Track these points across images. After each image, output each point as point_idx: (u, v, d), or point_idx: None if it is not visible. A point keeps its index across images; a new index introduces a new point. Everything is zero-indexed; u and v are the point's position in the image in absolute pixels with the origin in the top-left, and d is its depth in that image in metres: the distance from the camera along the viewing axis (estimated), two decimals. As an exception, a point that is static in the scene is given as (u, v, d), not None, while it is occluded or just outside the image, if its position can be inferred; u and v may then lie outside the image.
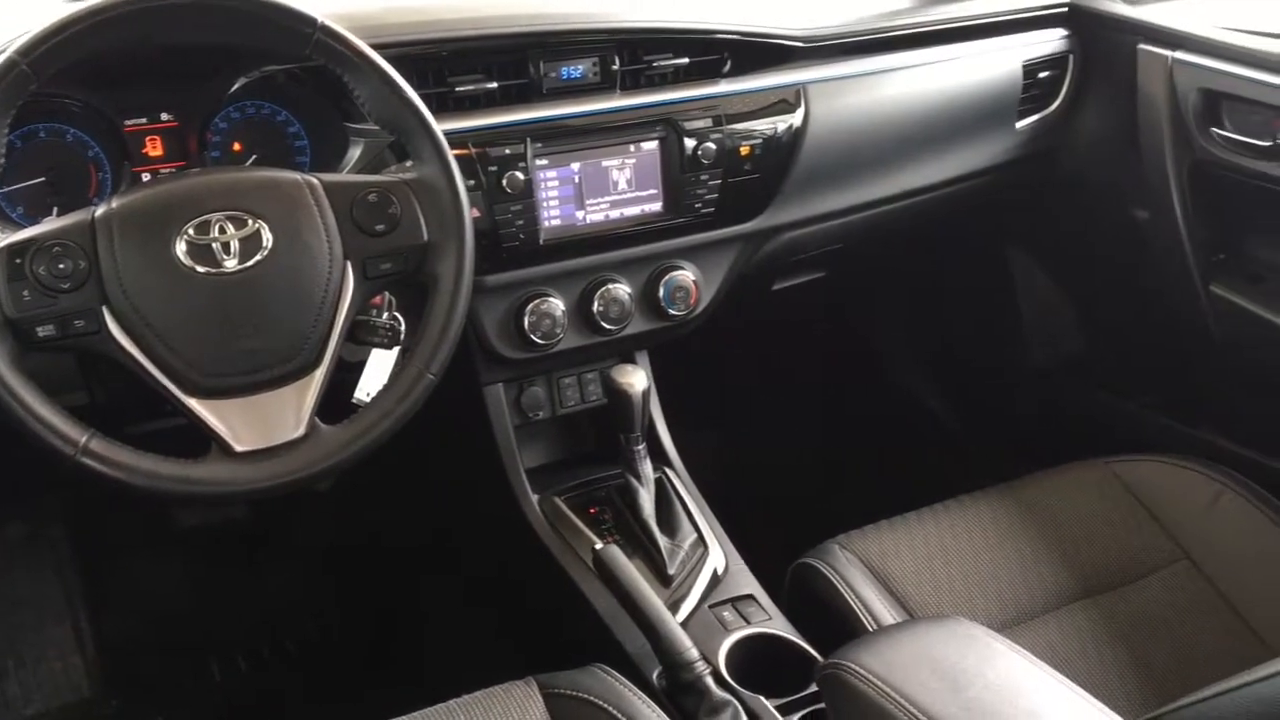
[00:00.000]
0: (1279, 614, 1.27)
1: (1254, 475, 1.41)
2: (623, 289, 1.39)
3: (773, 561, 1.40)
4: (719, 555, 1.36)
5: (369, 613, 1.85)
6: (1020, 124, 1.64)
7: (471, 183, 1.23)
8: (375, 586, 1.88)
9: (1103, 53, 1.64)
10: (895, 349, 2.18)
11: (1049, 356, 1.96)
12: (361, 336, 1.11)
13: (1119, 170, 1.64)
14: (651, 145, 1.34)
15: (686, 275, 1.43)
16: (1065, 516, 1.41)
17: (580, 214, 1.33)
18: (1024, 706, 0.86)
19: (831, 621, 1.27)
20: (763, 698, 1.16)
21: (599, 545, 1.25)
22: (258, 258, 0.98)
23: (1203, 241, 1.57)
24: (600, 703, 1.06)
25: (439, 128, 1.06)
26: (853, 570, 1.32)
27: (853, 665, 0.92)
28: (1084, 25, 1.65)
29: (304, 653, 1.81)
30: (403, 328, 1.15)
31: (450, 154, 1.06)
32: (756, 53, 1.41)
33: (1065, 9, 1.64)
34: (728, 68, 1.40)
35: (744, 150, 1.38)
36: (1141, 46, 1.57)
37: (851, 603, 1.27)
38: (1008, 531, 1.40)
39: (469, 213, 1.07)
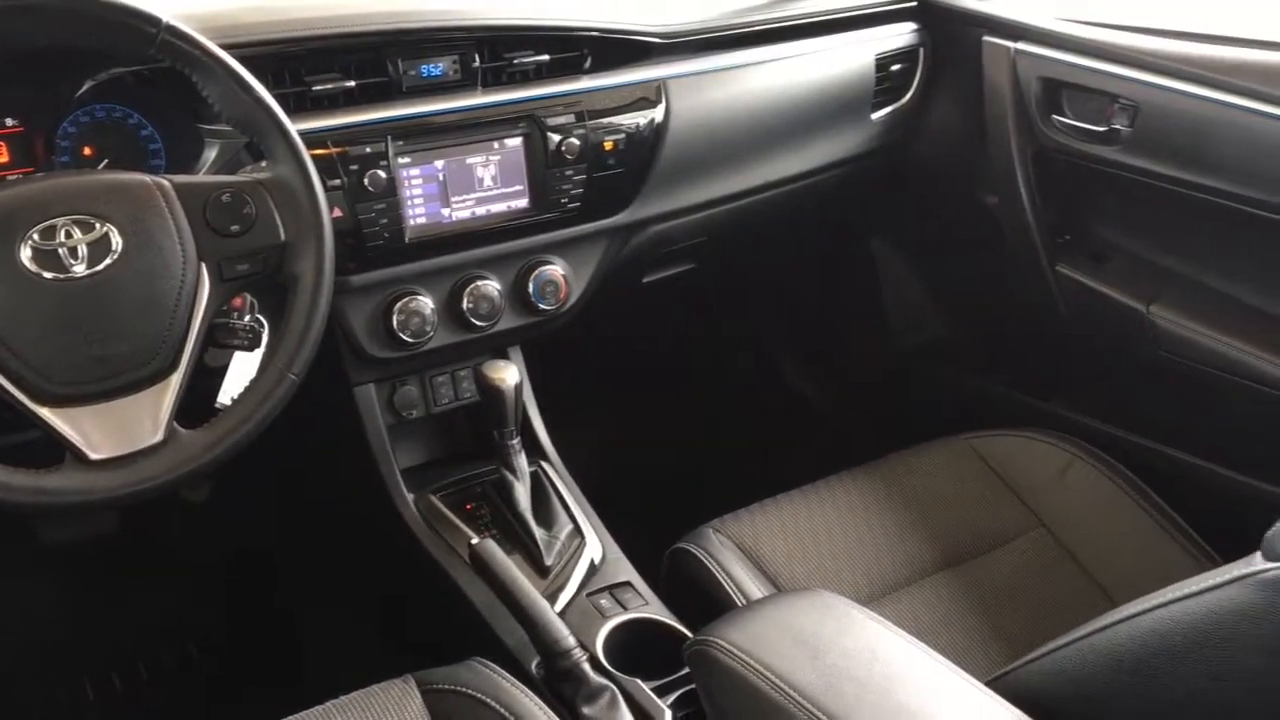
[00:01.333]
0: (1126, 573, 1.35)
1: (1101, 444, 1.49)
2: (492, 285, 1.39)
3: (652, 549, 1.42)
4: (596, 545, 1.38)
5: (248, 622, 1.82)
6: (875, 115, 1.70)
7: (334, 182, 1.22)
8: (253, 595, 1.85)
9: (950, 45, 1.70)
10: (767, 337, 2.23)
11: (912, 339, 2.03)
12: (221, 339, 1.09)
13: (969, 158, 1.70)
14: (515, 142, 1.35)
15: (556, 270, 1.44)
16: (927, 492, 1.47)
17: (446, 211, 1.33)
18: (879, 670, 0.90)
19: (706, 603, 1.30)
20: (639, 680, 1.18)
21: (475, 540, 1.26)
22: (107, 262, 0.96)
23: (1048, 224, 1.65)
24: (478, 695, 1.07)
25: (293, 126, 1.06)
26: (726, 553, 1.35)
27: (717, 640, 0.95)
28: (932, 19, 1.71)
29: (183, 669, 1.77)
30: (265, 330, 1.14)
31: (305, 152, 1.06)
32: (617, 49, 1.43)
33: (914, 4, 1.70)
34: (588, 64, 1.42)
35: (608, 145, 1.40)
36: (986, 38, 1.63)
37: (724, 584, 1.30)
38: (874, 508, 1.45)
39: (327, 211, 1.06)
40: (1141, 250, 1.59)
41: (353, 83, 1.26)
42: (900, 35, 1.69)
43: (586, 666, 1.16)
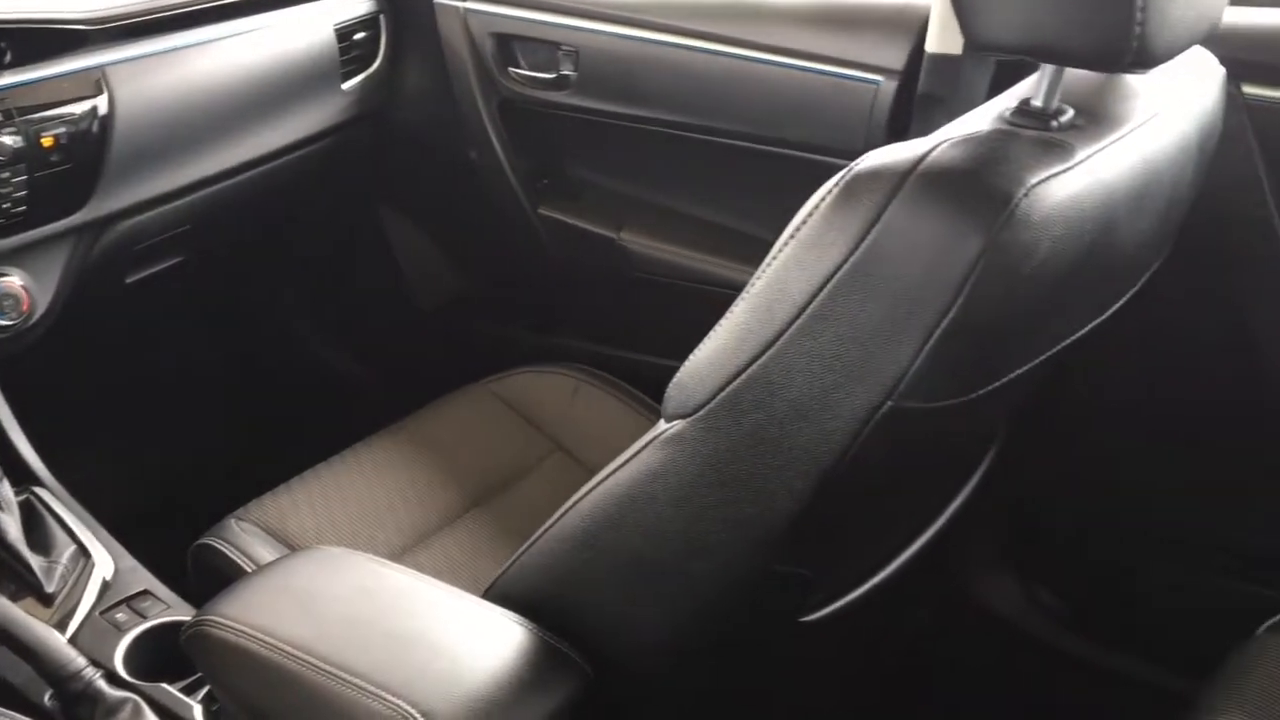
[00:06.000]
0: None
1: (601, 364, 1.61)
2: (-66, 309, 1.27)
3: (184, 553, 1.37)
4: (106, 561, 1.31)
5: None
6: (346, 85, 1.71)
7: None
8: None
9: (409, 10, 1.75)
10: (289, 318, 2.19)
11: (431, 299, 2.07)
12: None
13: (445, 118, 1.76)
14: (-68, 149, 1.24)
15: (13, 281, 1.34)
16: (453, 440, 1.52)
17: None
18: (370, 605, 0.93)
19: (237, 594, 1.27)
20: (165, 684, 1.15)
21: (-46, 584, 1.16)
22: None
23: (525, 171, 1.75)
24: (-24, 745, 0.99)
25: None
26: (250, 539, 1.33)
27: (210, 618, 0.94)
28: (388, -15, 1.75)
29: None
30: None
31: None
32: (41, 40, 1.34)
33: (368, -29, 1.73)
34: (9, 59, 1.31)
35: (47, 142, 1.31)
36: (437, 1, 1.69)
37: (249, 570, 1.28)
38: (402, 466, 1.48)
39: None
40: (607, 183, 1.73)
41: None
42: (358, 4, 1.71)
43: (101, 684, 1.11)
